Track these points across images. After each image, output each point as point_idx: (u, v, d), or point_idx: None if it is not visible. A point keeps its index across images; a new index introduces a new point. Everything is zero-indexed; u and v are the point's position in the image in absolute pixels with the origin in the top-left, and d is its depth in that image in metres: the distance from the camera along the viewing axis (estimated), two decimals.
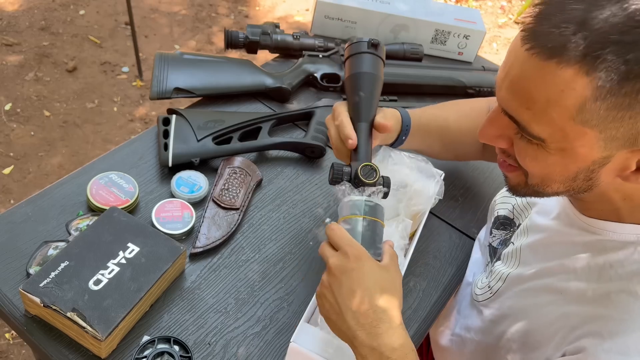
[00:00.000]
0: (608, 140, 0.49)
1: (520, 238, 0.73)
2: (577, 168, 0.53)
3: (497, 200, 0.84)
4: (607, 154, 0.50)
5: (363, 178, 0.68)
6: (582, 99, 0.47)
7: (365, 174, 0.68)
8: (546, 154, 0.53)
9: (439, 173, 0.83)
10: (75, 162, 2.03)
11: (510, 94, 0.52)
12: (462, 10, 1.31)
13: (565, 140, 0.50)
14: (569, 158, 0.52)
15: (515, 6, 3.51)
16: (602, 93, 0.46)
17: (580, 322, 0.59)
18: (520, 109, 0.51)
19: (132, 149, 0.91)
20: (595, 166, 0.52)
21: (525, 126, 0.52)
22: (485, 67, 1.20)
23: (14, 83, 2.27)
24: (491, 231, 0.82)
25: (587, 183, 0.55)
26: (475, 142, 0.93)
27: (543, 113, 0.49)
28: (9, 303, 0.69)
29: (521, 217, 0.76)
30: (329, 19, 1.22)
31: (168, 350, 0.66)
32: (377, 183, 0.68)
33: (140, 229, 0.73)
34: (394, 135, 0.82)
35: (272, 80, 1.04)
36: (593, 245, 0.61)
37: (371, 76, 0.75)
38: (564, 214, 0.66)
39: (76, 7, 2.70)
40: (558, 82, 0.47)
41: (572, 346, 0.58)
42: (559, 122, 0.49)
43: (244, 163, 0.89)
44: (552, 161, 0.53)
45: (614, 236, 0.59)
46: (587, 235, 0.62)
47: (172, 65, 0.99)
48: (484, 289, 0.76)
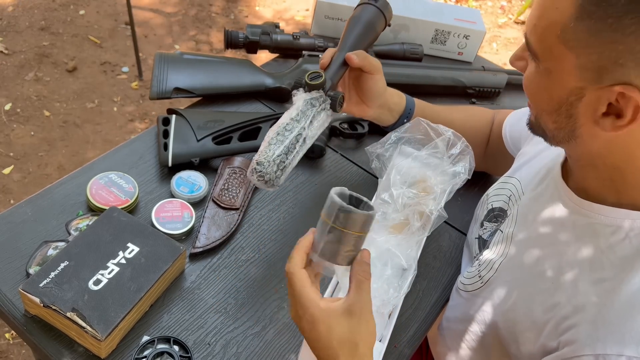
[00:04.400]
0: (582, 69, 0.52)
1: (510, 226, 0.73)
2: (558, 97, 0.56)
3: (490, 194, 0.84)
4: (581, 85, 0.53)
5: (308, 80, 0.76)
6: (567, 17, 0.51)
7: (312, 78, 0.76)
8: (538, 75, 0.57)
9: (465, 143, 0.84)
10: (75, 162, 2.03)
11: (531, 14, 0.57)
12: (462, 10, 1.31)
13: (550, 59, 0.54)
14: (553, 82, 0.55)
15: (515, 6, 3.51)
16: (582, 14, 0.50)
17: (572, 311, 0.59)
18: (530, 27, 0.56)
19: (132, 149, 0.91)
20: (572, 98, 0.54)
21: (528, 42, 0.56)
22: (485, 67, 1.20)
23: (14, 83, 2.28)
24: (482, 223, 0.82)
25: (569, 122, 0.57)
26: (478, 145, 0.94)
27: (543, 30, 0.54)
28: (9, 303, 0.69)
29: (514, 207, 0.76)
30: (329, 19, 1.22)
31: (168, 350, 0.66)
32: (322, 88, 0.77)
33: (140, 229, 0.73)
34: (396, 115, 0.89)
35: (272, 80, 1.04)
36: (585, 229, 0.62)
37: (365, 22, 0.83)
38: (557, 196, 0.67)
39: (76, 7, 2.70)
40: (556, 0, 0.52)
41: (565, 336, 0.59)
42: (549, 39, 0.53)
43: (244, 163, 0.89)
44: (540, 83, 0.57)
45: (606, 220, 0.60)
46: (579, 218, 0.63)
47: (172, 65, 0.99)
48: (473, 278, 0.76)
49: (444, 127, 0.83)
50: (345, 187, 0.59)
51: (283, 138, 0.73)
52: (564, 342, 0.58)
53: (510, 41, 3.20)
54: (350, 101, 0.87)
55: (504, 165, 0.89)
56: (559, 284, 0.62)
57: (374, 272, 0.72)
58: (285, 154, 0.73)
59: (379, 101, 0.86)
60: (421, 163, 0.84)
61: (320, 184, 0.93)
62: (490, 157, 0.96)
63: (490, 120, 0.96)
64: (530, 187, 0.74)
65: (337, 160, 0.98)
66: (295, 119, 0.75)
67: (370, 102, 0.86)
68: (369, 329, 0.55)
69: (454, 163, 0.83)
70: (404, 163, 0.83)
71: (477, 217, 0.86)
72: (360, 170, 0.98)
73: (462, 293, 0.77)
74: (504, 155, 0.92)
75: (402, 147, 0.86)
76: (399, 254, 0.74)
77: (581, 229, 0.62)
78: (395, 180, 0.80)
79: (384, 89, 0.86)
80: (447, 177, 0.82)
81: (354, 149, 1.01)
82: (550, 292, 0.62)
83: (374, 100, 0.86)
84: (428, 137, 0.83)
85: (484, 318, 0.71)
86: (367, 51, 0.83)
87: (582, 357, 0.55)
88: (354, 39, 0.82)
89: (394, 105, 0.89)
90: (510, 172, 0.83)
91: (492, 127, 0.96)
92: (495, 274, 0.71)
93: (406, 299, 0.78)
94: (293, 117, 0.75)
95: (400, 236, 0.76)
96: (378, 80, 0.84)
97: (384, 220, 0.78)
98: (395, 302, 0.71)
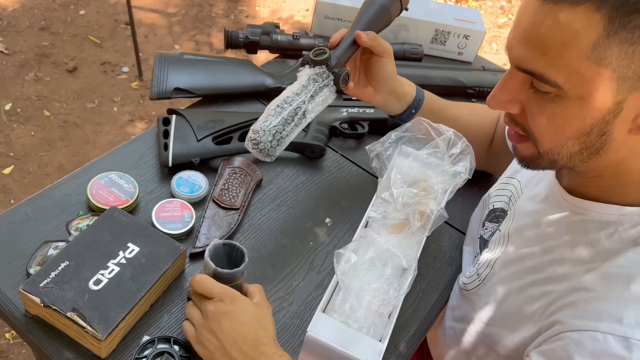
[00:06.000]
0: (620, 81, 0.50)
1: (506, 224, 0.75)
2: (592, 120, 0.53)
3: (491, 194, 0.84)
4: (620, 98, 0.51)
5: (312, 56, 0.76)
6: (596, 36, 0.48)
7: (317, 54, 0.77)
8: (563, 106, 0.53)
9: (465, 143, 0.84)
10: (75, 162, 2.03)
11: (525, 46, 0.53)
12: (462, 10, 1.31)
13: (581, 84, 0.51)
14: (586, 107, 0.52)
15: (515, 6, 3.51)
16: (613, 28, 0.48)
17: (556, 298, 0.60)
18: (536, 58, 0.52)
19: (132, 149, 0.91)
20: (609, 116, 0.52)
21: (542, 74, 0.52)
22: (485, 67, 1.20)
23: (14, 83, 2.28)
24: (484, 224, 0.83)
25: (600, 139, 0.55)
26: (482, 143, 0.94)
27: (559, 57, 0.51)
28: (9, 303, 0.69)
29: (514, 207, 0.77)
30: (328, 19, 1.22)
31: (168, 350, 0.66)
32: (326, 64, 0.77)
33: (140, 229, 0.73)
34: (404, 105, 0.88)
35: (272, 80, 1.04)
36: (577, 226, 0.62)
37: (380, 4, 0.82)
38: (552, 196, 0.67)
39: (76, 7, 2.70)
40: (572, 23, 0.49)
41: (547, 321, 0.60)
42: (575, 64, 0.50)
43: (244, 163, 0.89)
44: (568, 114, 0.54)
45: (597, 217, 0.61)
46: (571, 216, 0.63)
47: (172, 65, 0.99)
48: (472, 277, 0.77)
49: (444, 127, 0.83)
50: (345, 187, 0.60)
51: (281, 110, 0.74)
52: (545, 325, 0.60)
53: None
54: (358, 84, 0.86)
55: (506, 165, 0.89)
56: (549, 277, 0.63)
57: (374, 272, 0.72)
58: (282, 125, 0.74)
59: (387, 86, 0.85)
60: (422, 162, 0.84)
61: (320, 184, 0.93)
62: (493, 155, 0.96)
63: (496, 119, 0.97)
64: (528, 187, 0.75)
65: (337, 160, 0.98)
66: (296, 92, 0.75)
67: (378, 87, 0.85)
68: (272, 322, 0.67)
69: (455, 162, 0.83)
70: (404, 162, 0.83)
71: (480, 217, 0.86)
72: (360, 170, 0.98)
73: (463, 292, 0.78)
74: (507, 155, 0.92)
75: (403, 146, 0.86)
76: (399, 254, 0.74)
77: (573, 226, 0.63)
78: (396, 180, 0.80)
79: (393, 73, 0.85)
80: (448, 176, 0.82)
81: (354, 149, 1.01)
82: (540, 284, 0.64)
83: (383, 85, 0.85)
84: (429, 136, 0.83)
85: (482, 316, 0.72)
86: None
87: (560, 335, 0.57)
88: (367, 21, 0.81)
89: (403, 95, 0.87)
90: (511, 173, 0.83)
91: (497, 127, 0.96)
92: (492, 271, 0.72)
93: (406, 299, 0.78)
94: (294, 90, 0.75)
95: (401, 236, 0.76)
96: (387, 63, 0.83)
97: (384, 220, 0.78)
98: (395, 302, 0.71)
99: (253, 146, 0.74)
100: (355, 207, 0.90)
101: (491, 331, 0.70)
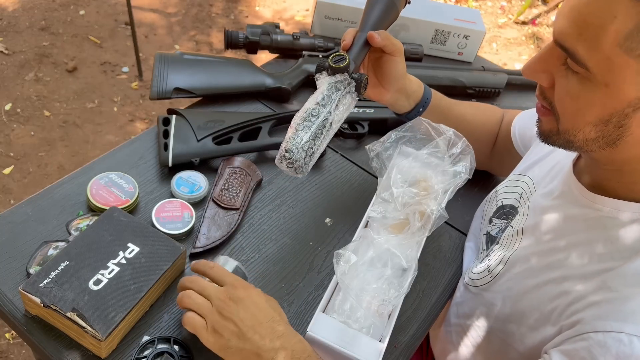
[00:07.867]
0: None
1: (520, 221, 0.74)
2: (613, 109, 0.54)
3: (499, 190, 0.84)
4: None
5: (332, 63, 0.74)
6: (632, 25, 0.49)
7: (336, 61, 0.75)
8: (588, 90, 0.54)
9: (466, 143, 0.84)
10: (75, 162, 2.03)
11: (567, 21, 0.53)
12: (462, 10, 1.31)
13: (609, 71, 0.51)
14: (609, 95, 0.53)
15: (515, 6, 3.51)
16: None
17: (577, 297, 0.60)
18: (573, 36, 0.53)
19: (132, 149, 0.91)
20: (629, 109, 0.53)
21: (575, 52, 0.53)
22: (485, 67, 1.20)
23: (14, 83, 2.28)
24: (491, 220, 0.83)
25: (617, 131, 0.55)
26: (486, 142, 0.94)
27: (594, 39, 0.51)
28: (9, 303, 0.69)
29: (526, 204, 0.77)
30: (328, 19, 1.22)
31: (168, 350, 0.66)
32: (346, 70, 0.74)
33: (140, 229, 0.73)
34: (412, 103, 0.88)
35: (272, 80, 1.04)
36: (594, 222, 0.62)
37: (386, 2, 0.80)
38: (568, 192, 0.67)
39: (76, 7, 2.70)
40: (613, 8, 0.49)
41: (568, 321, 0.59)
42: (607, 50, 0.50)
43: (244, 163, 0.89)
44: (592, 98, 0.54)
45: (614, 213, 0.60)
46: (588, 212, 0.63)
47: (172, 65, 0.99)
48: (482, 273, 0.76)
49: (444, 127, 0.83)
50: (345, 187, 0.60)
51: (310, 124, 0.71)
52: (567, 325, 0.59)
53: (510, 41, 3.20)
54: (368, 83, 0.85)
55: (509, 165, 0.89)
56: (568, 274, 0.62)
57: (374, 272, 0.72)
58: (312, 140, 0.71)
59: (397, 84, 0.84)
60: (422, 162, 0.84)
61: (320, 184, 0.93)
62: (497, 155, 0.96)
63: (500, 119, 0.97)
64: (542, 184, 0.75)
65: (337, 160, 0.98)
66: (321, 103, 0.73)
67: (388, 85, 0.84)
68: (281, 310, 0.68)
69: (455, 162, 0.83)
70: (404, 162, 0.83)
71: (484, 213, 0.86)
72: (360, 170, 0.98)
73: (470, 288, 0.78)
74: (510, 155, 0.92)
75: (403, 146, 0.86)
76: (399, 254, 0.74)
77: (592, 222, 0.63)
78: (396, 179, 0.80)
79: (404, 72, 0.84)
80: (448, 176, 0.82)
81: (354, 149, 1.01)
82: (558, 282, 0.63)
83: (393, 84, 0.84)
84: (429, 136, 0.83)
85: (494, 312, 0.72)
86: None
87: (583, 335, 0.56)
88: (376, 18, 0.79)
89: (412, 93, 0.87)
90: (521, 170, 0.83)
91: (501, 126, 0.96)
92: (505, 268, 0.72)
93: (406, 299, 0.78)
94: (319, 101, 0.73)
95: (401, 236, 0.76)
96: (399, 62, 0.82)
97: (384, 220, 0.78)
98: (395, 302, 0.71)
99: (288, 165, 0.71)
100: (355, 207, 0.90)
101: (508, 328, 0.70)
